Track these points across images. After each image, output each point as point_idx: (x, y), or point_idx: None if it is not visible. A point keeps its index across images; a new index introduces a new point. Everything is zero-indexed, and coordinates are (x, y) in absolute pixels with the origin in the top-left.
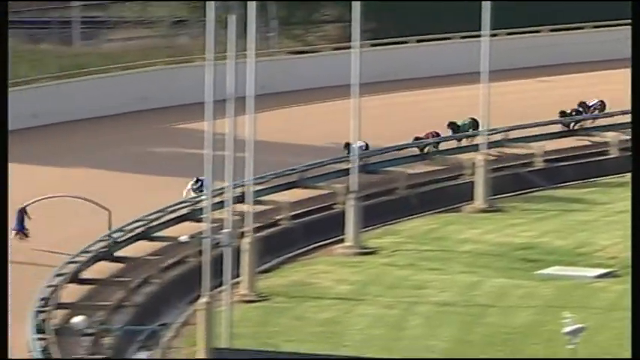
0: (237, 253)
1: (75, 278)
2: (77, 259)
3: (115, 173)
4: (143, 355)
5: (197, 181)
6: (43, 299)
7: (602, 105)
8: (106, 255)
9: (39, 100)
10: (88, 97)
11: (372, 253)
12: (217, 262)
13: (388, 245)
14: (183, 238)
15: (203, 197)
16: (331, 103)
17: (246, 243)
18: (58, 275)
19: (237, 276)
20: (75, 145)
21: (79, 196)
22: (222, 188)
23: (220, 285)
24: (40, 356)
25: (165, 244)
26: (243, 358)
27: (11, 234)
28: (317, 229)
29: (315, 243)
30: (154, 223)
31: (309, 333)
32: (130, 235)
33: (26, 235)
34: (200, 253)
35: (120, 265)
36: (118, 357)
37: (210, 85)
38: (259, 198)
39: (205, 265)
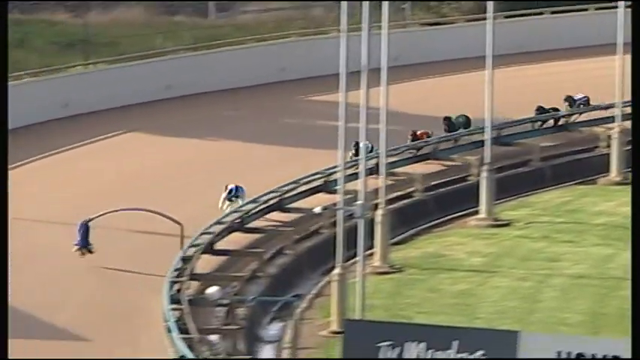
0: (370, 225)
1: (209, 249)
2: (211, 229)
3: (249, 144)
4: (275, 328)
5: (230, 190)
6: (177, 270)
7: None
8: (240, 226)
9: (173, 71)
10: (223, 69)
11: (505, 225)
12: (350, 234)
13: (522, 217)
14: (317, 209)
15: (336, 169)
16: (465, 75)
17: (379, 215)
18: (193, 246)
19: (371, 248)
20: (209, 116)
21: (150, 210)
22: (355, 160)
23: (353, 256)
24: (175, 326)
25: (298, 215)
26: (376, 330)
27: (72, 248)
28: (450, 201)
29: (449, 215)
30: (288, 195)
31: (442, 305)
32: (263, 206)
33: (90, 252)
34: (333, 224)
35: (253, 237)
36: (251, 329)
37: (344, 56)
38: (393, 170)
39: (339, 237)
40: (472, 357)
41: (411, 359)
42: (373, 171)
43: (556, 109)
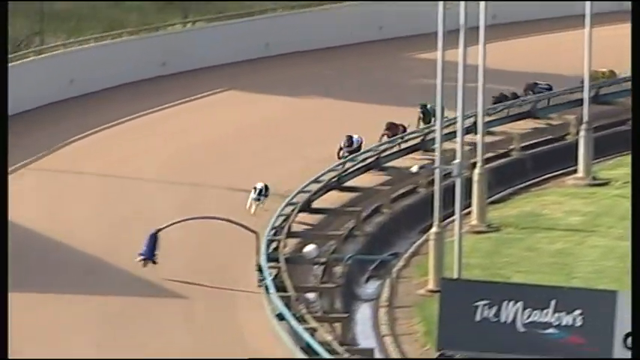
0: (467, 184)
1: (306, 207)
2: (308, 188)
3: (348, 103)
4: (372, 287)
5: (259, 190)
6: (274, 228)
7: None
8: (337, 185)
9: (272, 30)
10: (322, 27)
11: (603, 184)
12: (448, 193)
13: (620, 176)
14: (414, 168)
15: (434, 127)
16: (563, 33)
17: (476, 174)
18: (290, 204)
19: (468, 207)
20: (309, 74)
21: (224, 218)
22: (453, 119)
23: (450, 215)
24: (272, 284)
25: (396, 174)
26: (473, 289)
27: (136, 258)
28: (548, 160)
29: (547, 174)
30: (385, 154)
31: (540, 264)
32: (360, 165)
33: (154, 262)
34: (431, 183)
35: (350, 195)
36: (348, 287)
37: (442, 14)
38: (490, 129)
39: (436, 196)
40: (569, 316)
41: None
42: (470, 130)
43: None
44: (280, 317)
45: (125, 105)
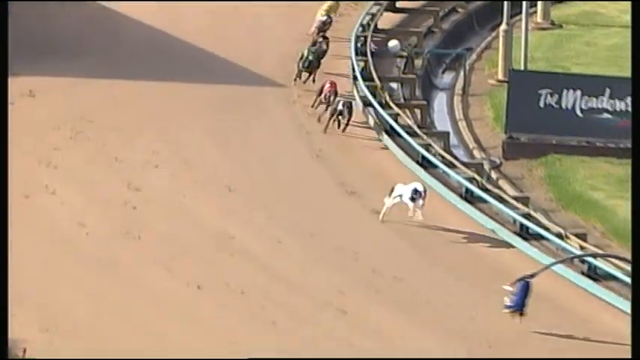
0: None
1: (390, 7)
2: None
3: None
4: (448, 77)
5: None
6: (362, 25)
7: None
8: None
9: None
10: None
11: None
12: None
13: None
14: None
15: None
16: None
17: None
18: (376, 4)
19: (534, 6)
20: None
21: None
22: None
23: (518, 14)
24: (360, 74)
25: None
26: (537, 79)
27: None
28: None
29: None
30: None
31: (597, 57)
32: None
33: (521, 315)
34: None
35: None
36: (427, 78)
37: None
38: None
39: None
40: (622, 102)
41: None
42: None
43: None
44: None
45: None
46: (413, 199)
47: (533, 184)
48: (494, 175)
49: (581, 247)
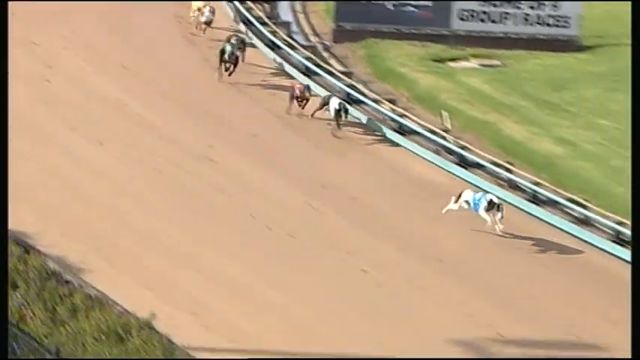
0: None
1: None
2: None
3: None
4: None
5: None
6: None
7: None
8: None
9: None
10: None
11: None
12: None
13: None
14: None
15: None
16: None
17: None
18: None
19: None
20: None
21: None
22: None
23: None
24: None
25: None
26: None
27: None
28: None
29: None
30: None
31: None
32: None
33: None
34: None
35: None
36: None
37: None
38: None
39: None
40: None
41: None
42: None
43: None
44: None
45: None
46: (488, 210)
47: (356, 62)
48: (325, 54)
49: (392, 110)
